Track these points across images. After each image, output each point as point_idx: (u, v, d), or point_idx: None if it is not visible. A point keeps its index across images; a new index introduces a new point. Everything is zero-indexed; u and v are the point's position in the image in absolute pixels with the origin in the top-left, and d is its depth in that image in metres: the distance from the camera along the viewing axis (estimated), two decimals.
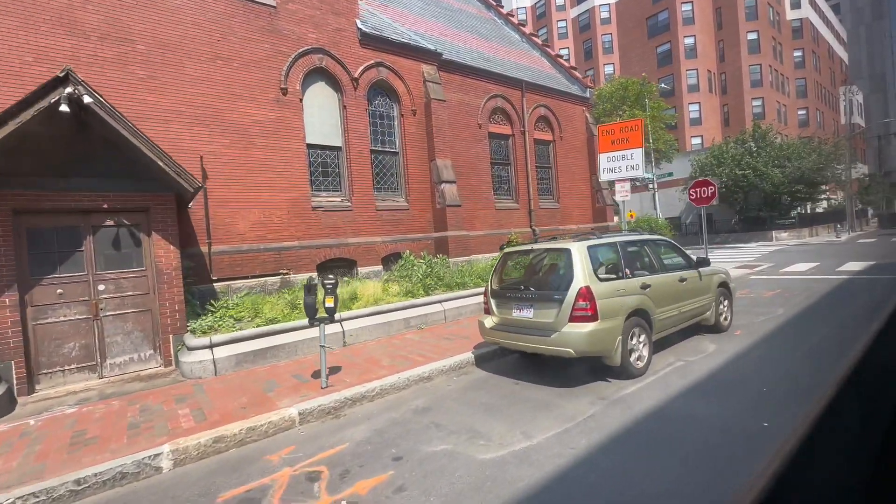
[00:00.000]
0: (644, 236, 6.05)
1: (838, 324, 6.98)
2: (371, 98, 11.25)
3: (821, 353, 5.50)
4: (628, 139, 9.92)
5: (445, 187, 11.79)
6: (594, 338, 4.70)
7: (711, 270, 6.83)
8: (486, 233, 13.61)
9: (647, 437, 3.68)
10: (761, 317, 7.74)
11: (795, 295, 9.57)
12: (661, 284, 5.62)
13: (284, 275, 9.32)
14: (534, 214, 15.15)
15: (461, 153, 13.11)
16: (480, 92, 13.79)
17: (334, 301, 5.27)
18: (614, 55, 42.89)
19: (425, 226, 11.98)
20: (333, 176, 10.59)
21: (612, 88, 20.43)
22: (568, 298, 4.84)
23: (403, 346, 7.07)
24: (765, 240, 29.67)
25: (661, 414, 4.08)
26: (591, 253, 5.14)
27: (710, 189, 13.07)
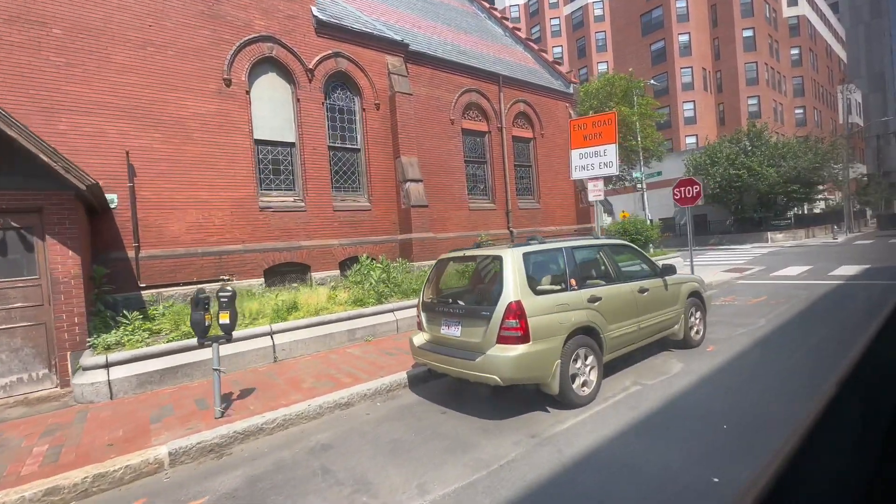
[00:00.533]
0: (599, 241, 5.30)
1: (823, 338, 6.24)
2: (329, 91, 10.52)
3: (798, 377, 4.76)
4: (601, 134, 9.18)
5: (410, 186, 11.05)
6: (524, 363, 3.95)
7: (680, 279, 6.09)
8: (459, 235, 12.86)
9: (565, 496, 2.93)
10: (740, 329, 7.00)
11: (782, 303, 8.83)
12: (614, 297, 4.88)
13: (225, 281, 8.57)
14: (512, 215, 14.42)
15: (431, 150, 12.38)
16: (453, 86, 13.05)
17: (230, 317, 4.52)
18: (608, 53, 42.16)
19: (390, 227, 11.24)
20: (286, 174, 9.85)
21: (599, 85, 19.72)
22: (495, 315, 4.09)
23: (339, 363, 6.33)
24: (760, 241, 28.94)
25: (593, 461, 3.33)
26: (528, 261, 4.40)
27: (694, 188, 12.32)
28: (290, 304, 7.45)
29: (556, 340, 4.15)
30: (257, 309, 7.25)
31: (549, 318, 4.16)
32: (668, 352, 6.01)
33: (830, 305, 8.32)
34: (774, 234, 28.90)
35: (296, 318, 7.17)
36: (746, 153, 28.53)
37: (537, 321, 4.07)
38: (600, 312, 4.63)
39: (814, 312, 7.83)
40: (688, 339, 5.99)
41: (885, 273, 11.84)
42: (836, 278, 11.47)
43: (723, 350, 5.93)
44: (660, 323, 5.51)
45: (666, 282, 5.70)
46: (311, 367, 6.19)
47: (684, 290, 6.01)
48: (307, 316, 7.33)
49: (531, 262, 4.44)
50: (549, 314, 4.18)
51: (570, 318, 4.30)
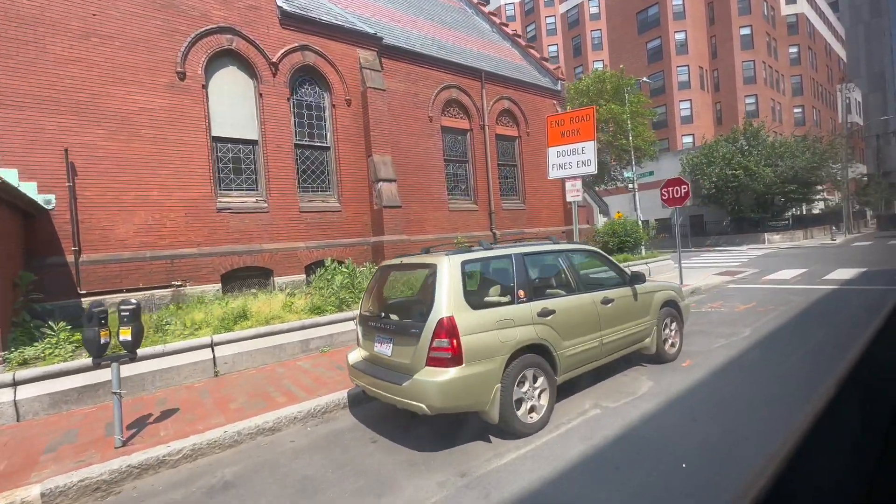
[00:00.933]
0: (558, 246, 4.77)
1: (808, 352, 5.70)
2: (295, 86, 10.01)
3: (776, 401, 4.23)
4: (579, 131, 8.66)
5: (383, 186, 10.53)
6: (455, 389, 3.42)
7: (653, 287, 5.56)
8: (438, 237, 12.34)
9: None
10: (722, 340, 6.47)
11: (771, 310, 8.29)
12: (572, 309, 4.35)
13: (178, 287, 8.06)
14: (495, 217, 13.90)
15: (408, 149, 11.86)
16: (432, 82, 12.54)
17: (133, 333, 3.99)
18: (604, 51, 41.62)
19: (362, 229, 10.72)
20: (248, 173, 9.33)
21: (590, 82, 19.20)
22: (425, 333, 3.57)
23: (283, 378, 5.81)
24: (756, 242, 28.41)
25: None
26: (467, 270, 3.88)
27: (683, 188, 11.80)
28: (239, 313, 6.93)
29: (495, 361, 3.62)
30: (202, 318, 6.73)
31: (488, 336, 3.63)
32: (639, 367, 5.48)
33: (821, 314, 7.78)
34: (771, 236, 28.36)
35: (243, 327, 6.65)
36: (743, 153, 27.99)
37: (473, 340, 3.55)
38: (553, 328, 4.10)
39: (802, 322, 7.29)
40: (661, 353, 5.45)
41: (881, 277, 11.30)
42: (831, 283, 10.93)
43: (699, 365, 5.40)
44: (628, 337, 4.98)
45: (635, 291, 5.17)
46: (251, 383, 5.67)
47: (657, 299, 5.48)
48: (257, 325, 6.81)
49: (471, 271, 3.92)
50: (488, 331, 3.65)
51: (515, 336, 3.78)
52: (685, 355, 5.80)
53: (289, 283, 9.32)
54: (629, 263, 13.85)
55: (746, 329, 6.98)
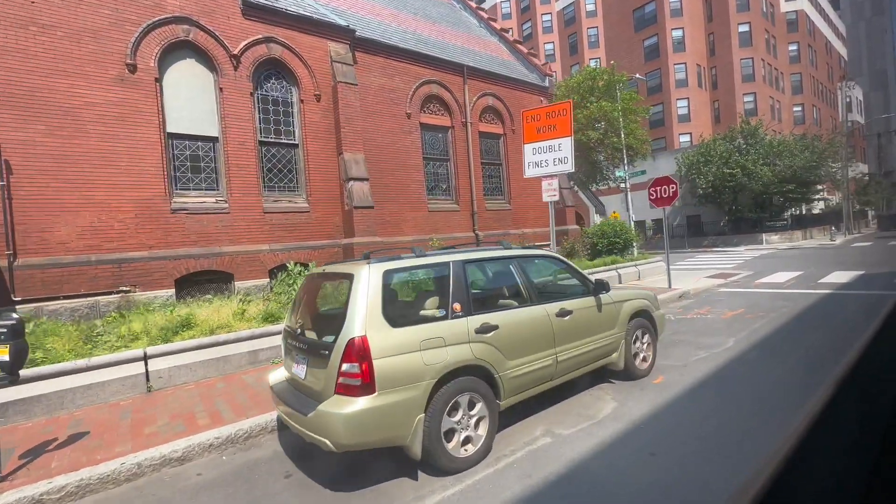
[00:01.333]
0: (507, 252, 4.26)
1: (791, 369, 5.18)
2: (260, 80, 9.51)
3: (751, 434, 3.72)
4: (556, 126, 8.16)
5: (354, 185, 10.03)
6: (364, 422, 2.92)
7: (622, 295, 5.04)
8: (417, 238, 11.84)
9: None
10: (702, 352, 5.95)
11: (760, 317, 7.78)
12: (520, 323, 3.84)
13: (126, 292, 7.57)
14: (478, 217, 13.39)
15: (384, 146, 11.37)
16: (410, 77, 12.04)
17: (12, 352, 3.49)
18: (600, 49, 41.07)
19: (332, 231, 10.22)
20: (208, 172, 8.84)
21: (581, 78, 18.66)
22: (334, 355, 3.07)
23: (220, 395, 5.31)
24: (754, 243, 27.86)
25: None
26: (392, 281, 3.38)
27: (671, 188, 11.28)
28: (183, 322, 6.43)
29: (418, 388, 3.12)
30: (140, 328, 6.23)
31: (410, 359, 3.13)
32: (606, 384, 4.97)
33: (812, 321, 7.26)
34: (770, 236, 27.81)
35: (183, 338, 6.15)
36: (741, 151, 27.45)
37: (391, 363, 3.04)
38: (496, 346, 3.60)
39: (791, 331, 6.77)
40: (630, 368, 4.94)
41: (879, 281, 10.76)
42: (826, 287, 10.40)
43: (672, 383, 4.88)
44: (590, 352, 4.47)
45: (599, 301, 4.66)
46: (181, 401, 5.17)
47: (626, 309, 4.97)
48: (201, 335, 6.31)
49: (398, 281, 3.42)
50: (411, 353, 3.15)
51: (444, 357, 3.27)
52: (659, 370, 5.29)
53: (251, 287, 8.83)
54: (618, 266, 13.36)
55: (730, 339, 6.47)
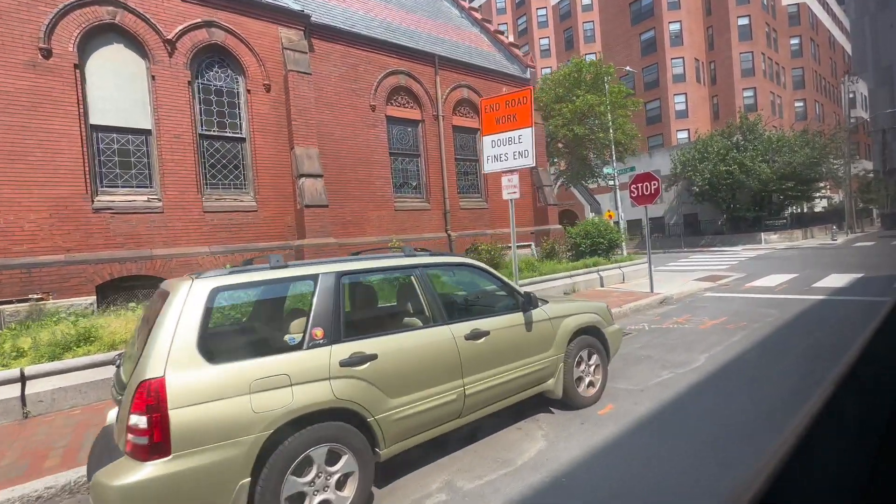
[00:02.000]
0: (406, 261, 3.49)
1: (764, 396, 4.39)
2: (200, 68, 8.77)
3: (707, 478, 2.94)
4: (515, 116, 7.37)
5: (306, 182, 9.28)
6: (147, 498, 2.16)
7: (562, 310, 4.27)
8: (382, 239, 11.09)
9: None
10: (667, 372, 5.17)
11: (741, 327, 6.99)
12: (410, 350, 3.08)
13: (37, 300, 6.85)
14: (451, 216, 12.63)
15: (345, 140, 10.62)
16: (375, 67, 11.28)
17: None
18: (596, 44, 40.11)
19: (284, 231, 9.48)
20: (139, 168, 8.11)
21: (567, 71, 17.83)
22: (125, 402, 2.33)
23: (100, 423, 4.57)
24: (753, 242, 26.95)
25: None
26: (220, 301, 2.62)
27: (653, 185, 10.48)
28: (82, 335, 5.70)
29: (241, 445, 2.36)
30: (30, 343, 5.51)
31: (231, 406, 2.37)
32: (543, 414, 4.20)
33: (796, 335, 6.45)
34: (769, 235, 26.89)
35: (77, 354, 5.42)
36: (739, 148, 26.53)
37: (199, 414, 2.29)
38: (371, 380, 2.83)
39: (771, 347, 5.97)
40: (571, 396, 4.17)
41: (877, 285, 9.93)
42: (820, 291, 9.58)
43: (620, 414, 4.11)
44: (514, 381, 3.70)
45: (529, 318, 3.89)
46: (53, 432, 4.43)
47: (567, 327, 4.19)
48: (101, 351, 5.58)
49: (233, 301, 2.66)
50: (235, 397, 2.39)
51: (288, 400, 2.51)
52: (610, 396, 4.51)
53: None
54: (600, 268, 12.57)
55: (702, 356, 5.68)
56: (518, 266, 11.50)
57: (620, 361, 5.69)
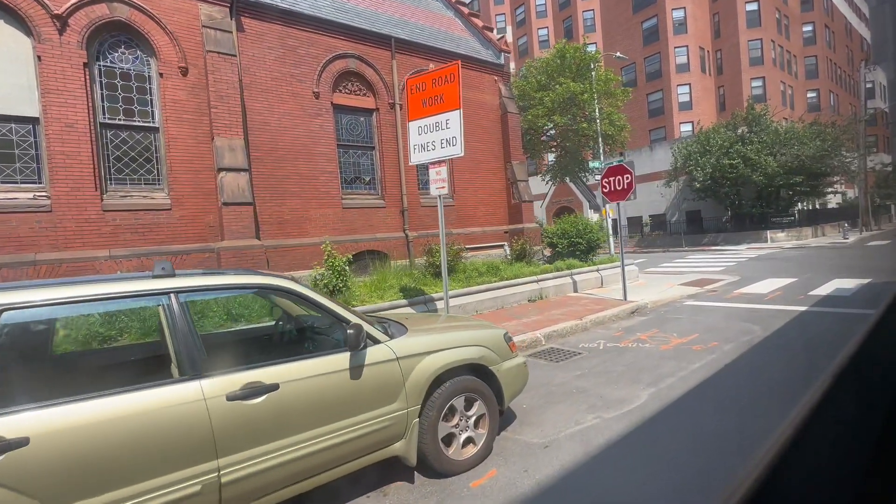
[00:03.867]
0: (151, 285, 2.41)
1: (706, 464, 3.23)
2: (102, 49, 7.79)
3: None
4: (443, 97, 6.25)
5: (226, 177, 8.27)
6: None
7: (423, 345, 3.15)
8: (327, 240, 10.03)
9: None
10: (594, 414, 4.05)
11: (709, 349, 5.81)
12: (106, 426, 2.01)
13: None
14: (409, 215, 11.53)
15: (282, 131, 9.59)
16: (319, 49, 10.20)
17: None
18: (597, 33, 38.47)
19: (205, 232, 8.48)
20: (25, 161, 7.16)
21: (550, 57, 16.53)
22: None
23: None
24: (758, 241, 25.39)
25: None
26: None
27: (626, 178, 9.27)
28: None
29: None
30: None
31: None
32: (402, 483, 3.12)
33: (774, 364, 5.25)
34: (775, 233, 25.29)
35: None
36: (744, 140, 24.92)
37: None
38: (11, 485, 1.77)
39: (737, 381, 4.79)
40: (434, 461, 3.07)
41: (885, 294, 8.57)
42: (817, 301, 8.30)
43: (502, 487, 3.00)
44: (323, 453, 2.61)
45: (361, 359, 2.79)
46: None
47: (428, 368, 3.08)
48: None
49: None
50: None
51: None
52: (500, 456, 3.41)
53: None
54: (574, 271, 11.40)
55: (646, 392, 4.53)
56: (479, 270, 10.42)
57: (542, 397, 4.58)
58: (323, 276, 8.16)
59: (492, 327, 3.78)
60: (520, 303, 9.87)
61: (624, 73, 37.15)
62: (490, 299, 9.30)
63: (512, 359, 3.67)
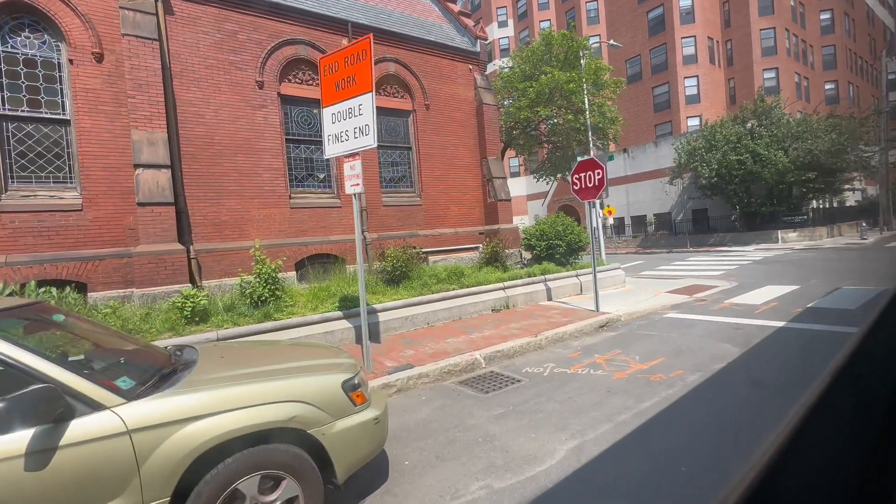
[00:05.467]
0: None
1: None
2: (2, 32, 7.02)
3: None
4: (355, 78, 5.30)
5: (143, 175, 7.45)
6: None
7: (186, 407, 2.20)
8: (272, 243, 9.21)
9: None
10: (480, 483, 3.09)
11: (670, 379, 4.78)
12: None
13: None
14: (369, 215, 10.62)
15: (219, 124, 8.77)
16: (264, 34, 9.34)
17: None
18: (601, 25, 37.01)
19: (123, 236, 7.69)
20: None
21: (536, 45, 15.37)
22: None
23: None
24: (768, 241, 23.89)
25: None
26: None
27: (597, 174, 8.21)
28: None
29: None
30: None
31: None
32: None
33: (748, 403, 4.19)
34: (786, 233, 23.75)
35: None
36: (753, 135, 23.42)
37: None
38: None
39: (689, 432, 3.76)
40: None
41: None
42: (815, 316, 7.14)
43: None
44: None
45: (55, 438, 1.87)
46: None
47: (183, 443, 2.13)
48: None
49: None
50: None
51: None
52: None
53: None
54: (549, 277, 10.38)
55: (567, 444, 3.54)
56: (439, 276, 9.44)
57: (439, 447, 3.64)
58: (250, 284, 7.30)
59: (328, 372, 2.82)
60: (481, 313, 8.89)
61: (629, 65, 35.67)
62: (444, 310, 8.34)
63: (353, 414, 2.72)
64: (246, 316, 6.79)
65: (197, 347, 3.22)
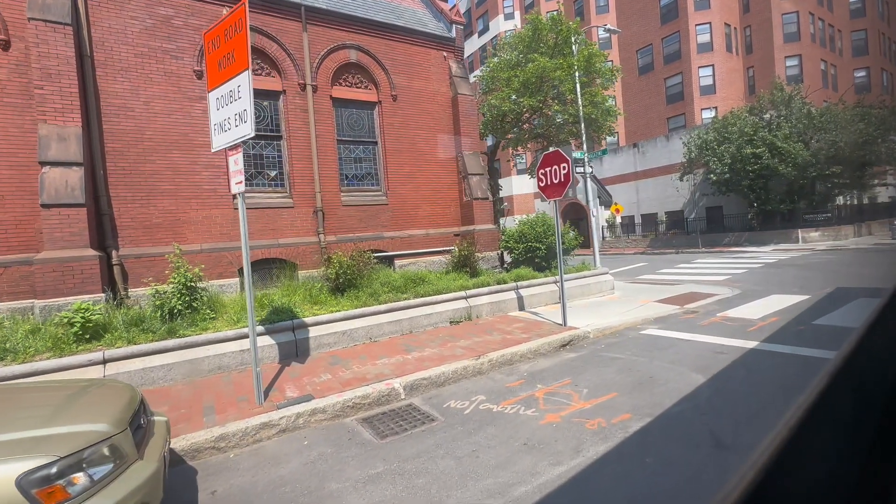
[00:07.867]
0: None
1: None
2: None
3: None
4: (233, 55, 4.41)
5: (49, 173, 6.74)
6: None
7: None
8: (211, 248, 8.46)
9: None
10: None
11: (607, 432, 3.76)
12: None
13: None
14: (326, 215, 9.76)
15: (151, 117, 8.04)
16: (201, 20, 8.56)
17: None
18: (610, 14, 35.27)
19: (32, 241, 7.00)
20: None
21: (524, 33, 14.19)
22: None
23: None
24: (787, 241, 22.15)
25: None
26: None
27: (562, 169, 7.13)
28: None
29: None
30: None
31: None
32: None
33: (678, 487, 3.13)
34: (808, 233, 21.93)
35: None
36: (770, 127, 21.67)
37: None
38: None
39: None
40: None
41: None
42: (816, 338, 5.93)
43: None
44: None
45: None
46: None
47: None
48: None
49: None
50: None
51: None
52: None
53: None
54: (522, 284, 9.36)
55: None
56: (394, 284, 8.52)
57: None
58: (165, 295, 6.53)
59: (5, 458, 1.93)
60: (437, 326, 7.94)
61: (640, 56, 33.93)
62: (392, 323, 7.42)
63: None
64: (151, 332, 6.01)
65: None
